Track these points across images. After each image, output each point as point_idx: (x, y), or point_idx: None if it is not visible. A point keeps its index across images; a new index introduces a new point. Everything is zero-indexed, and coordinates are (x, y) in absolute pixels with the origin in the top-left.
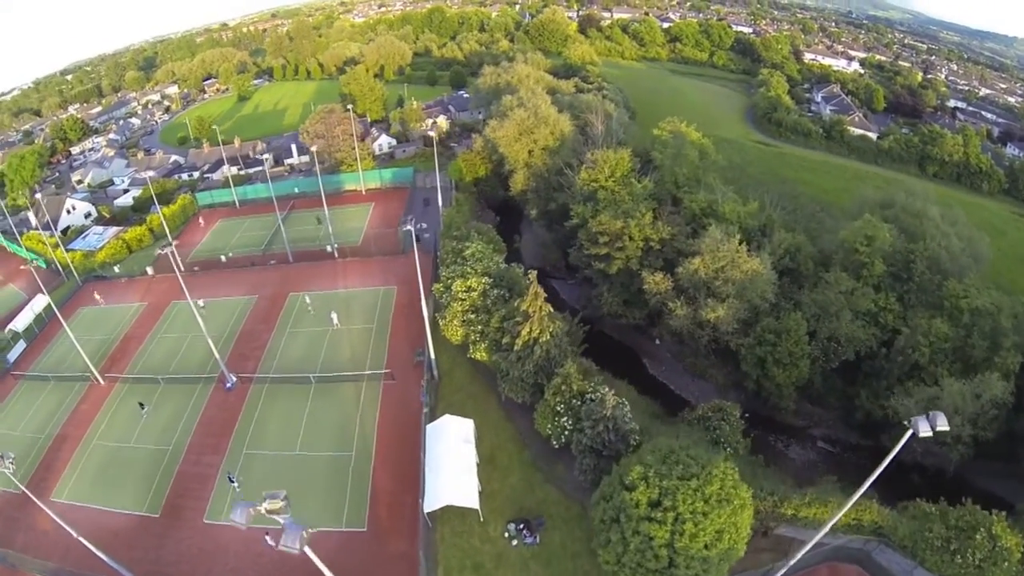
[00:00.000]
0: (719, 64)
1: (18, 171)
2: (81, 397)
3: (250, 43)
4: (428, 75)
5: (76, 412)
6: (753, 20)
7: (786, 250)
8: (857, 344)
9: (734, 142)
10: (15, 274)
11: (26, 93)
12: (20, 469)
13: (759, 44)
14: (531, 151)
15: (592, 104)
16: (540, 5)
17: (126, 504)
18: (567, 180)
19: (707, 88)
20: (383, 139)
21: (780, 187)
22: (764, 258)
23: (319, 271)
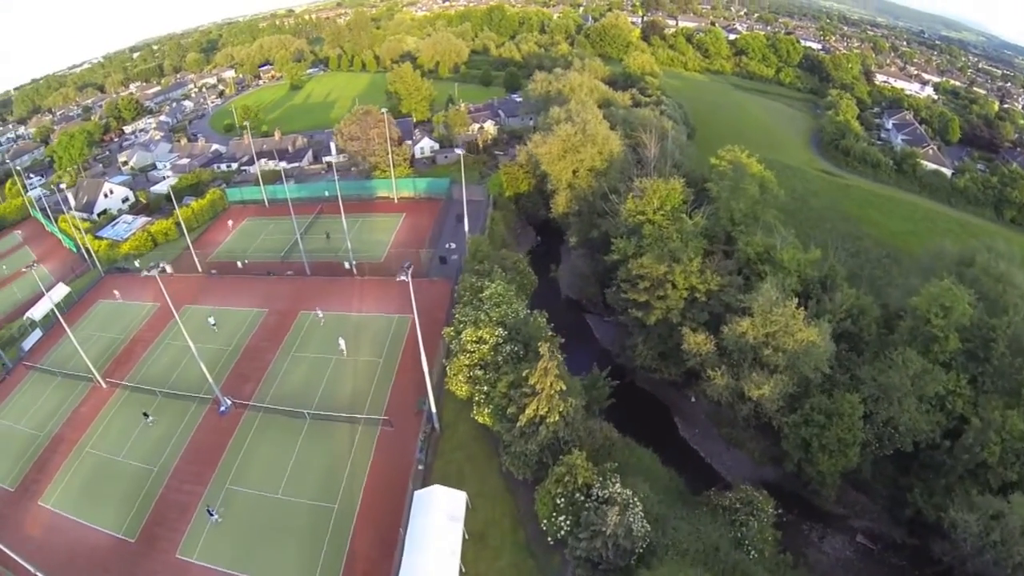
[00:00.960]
0: (785, 81)
1: (67, 149)
2: (83, 399)
3: (311, 31)
4: (483, 75)
5: (76, 414)
6: (822, 35)
7: (848, 311)
8: (918, 434)
9: (797, 170)
10: (48, 254)
11: (93, 68)
12: (16, 466)
13: (828, 62)
14: (576, 171)
15: (647, 121)
16: (604, 9)
17: (106, 522)
18: (612, 207)
19: (771, 107)
20: (425, 142)
21: (843, 225)
22: (822, 328)
23: (334, 288)
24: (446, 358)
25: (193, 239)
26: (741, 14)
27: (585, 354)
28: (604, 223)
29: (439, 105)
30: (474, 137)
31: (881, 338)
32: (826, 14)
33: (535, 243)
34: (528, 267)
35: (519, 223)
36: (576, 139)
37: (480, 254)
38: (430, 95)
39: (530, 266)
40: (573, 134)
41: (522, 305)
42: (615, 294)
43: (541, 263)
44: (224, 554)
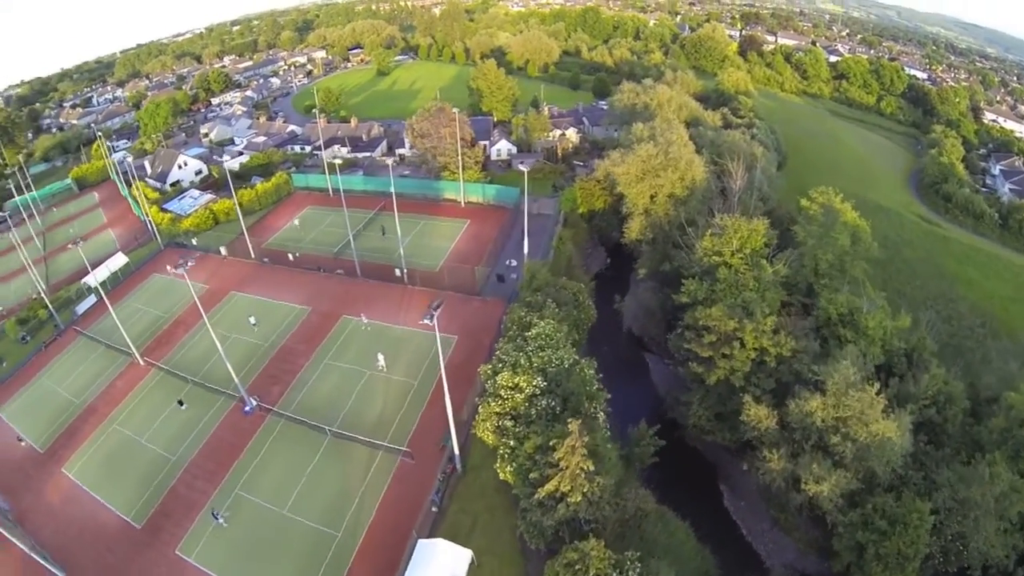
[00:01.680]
0: (886, 111)
1: (153, 116)
2: (120, 373)
3: (405, 18)
4: (572, 77)
5: (111, 387)
6: (928, 64)
7: (933, 398)
8: (990, 557)
9: (891, 213)
10: (118, 219)
11: (193, 39)
12: (49, 429)
13: (934, 95)
14: (654, 196)
15: (736, 146)
16: (702, 19)
17: (118, 503)
18: (687, 241)
19: (869, 139)
20: (503, 144)
21: (937, 283)
22: (902, 422)
23: (381, 294)
24: (479, 396)
25: (253, 222)
26: (843, 34)
27: (638, 397)
28: (678, 257)
29: (523, 105)
30: (553, 144)
31: (966, 431)
32: (932, 40)
33: (604, 265)
34: (588, 300)
35: (590, 242)
36: (657, 161)
37: (536, 282)
38: (513, 94)
39: (595, 291)
40: (654, 155)
41: (569, 352)
42: (677, 340)
43: (608, 288)
44: (220, 561)
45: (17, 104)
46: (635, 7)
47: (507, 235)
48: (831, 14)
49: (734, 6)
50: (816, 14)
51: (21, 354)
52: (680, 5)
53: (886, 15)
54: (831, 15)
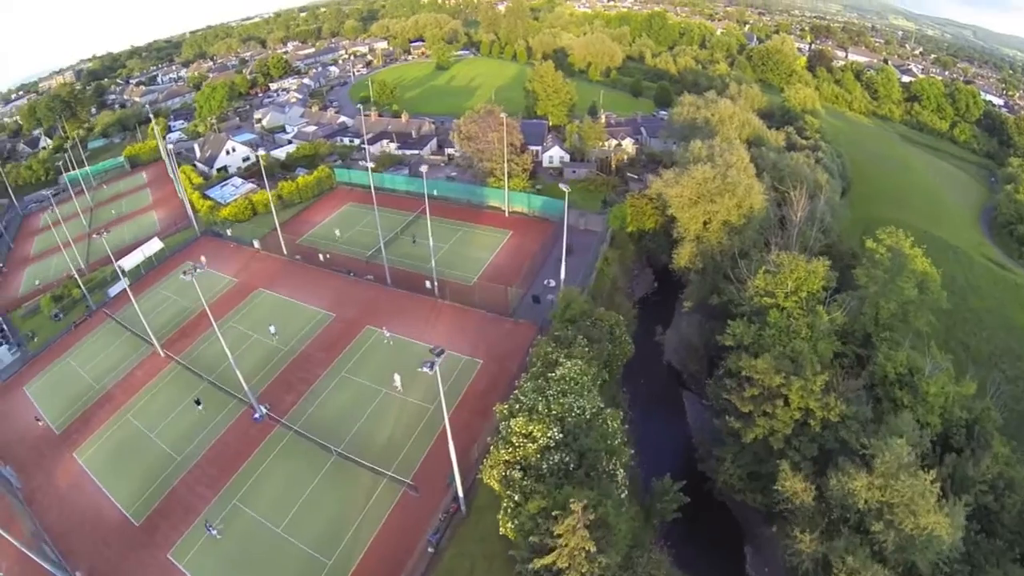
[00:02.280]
0: (960, 139)
1: (209, 100)
2: (140, 362)
3: (470, 13)
4: (634, 84)
5: (131, 376)
6: (1004, 90)
7: (991, 483)
8: None
9: (960, 253)
10: (164, 201)
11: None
12: (68, 410)
13: (1011, 124)
14: (707, 222)
15: (799, 172)
16: (770, 30)
17: (121, 497)
18: (739, 275)
19: (940, 168)
20: (555, 151)
21: (1006, 337)
22: (956, 517)
23: (409, 306)
24: (492, 436)
25: (292, 215)
26: (916, 53)
27: (670, 439)
28: (727, 290)
29: (580, 110)
30: (608, 154)
31: None
32: (1009, 64)
33: (651, 289)
34: (626, 334)
35: (638, 263)
36: (713, 185)
37: (571, 312)
38: (570, 99)
39: (638, 316)
40: (711, 178)
41: (594, 399)
42: (716, 387)
43: (652, 315)
44: (209, 572)
45: (87, 78)
46: (703, 14)
47: (549, 251)
48: (904, 31)
49: (804, 18)
50: (888, 30)
51: (52, 331)
52: (749, 15)
53: (961, 34)
54: (904, 32)
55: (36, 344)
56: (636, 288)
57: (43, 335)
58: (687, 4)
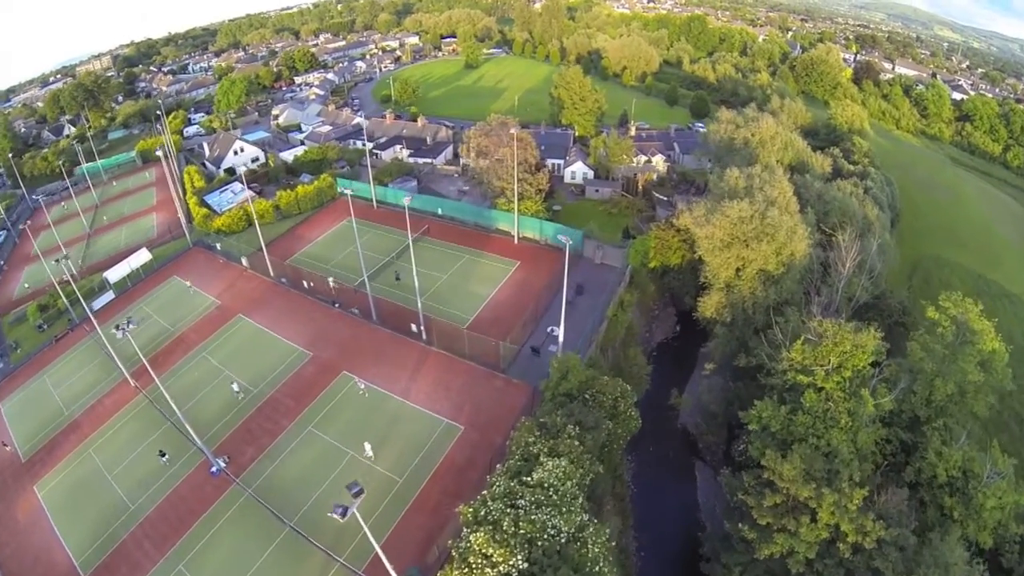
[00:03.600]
0: (1013, 164)
1: (227, 94)
2: (111, 390)
3: (505, 9)
4: (670, 91)
5: (99, 404)
6: None
7: None
8: None
9: (1017, 302)
10: (166, 203)
11: (292, 14)
12: (36, 436)
13: None
14: (740, 270)
15: (848, 208)
16: (814, 37)
17: (72, 543)
18: (772, 337)
19: (994, 197)
20: (578, 166)
21: None
22: None
23: (392, 351)
24: (453, 540)
25: (287, 228)
26: (963, 66)
27: (675, 517)
28: (758, 354)
29: (611, 118)
30: (636, 172)
31: None
32: None
33: (672, 333)
34: (632, 407)
35: (659, 302)
36: (750, 227)
37: (566, 384)
38: (599, 107)
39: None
40: (748, 218)
41: (573, 518)
42: (732, 481)
43: (670, 364)
44: None
45: (121, 64)
46: (744, 19)
47: (558, 288)
48: (950, 42)
49: (847, 26)
50: (934, 41)
51: (36, 343)
52: (791, 21)
53: (1008, 48)
54: (950, 44)
55: (18, 356)
56: (655, 331)
57: (26, 347)
58: (728, 8)
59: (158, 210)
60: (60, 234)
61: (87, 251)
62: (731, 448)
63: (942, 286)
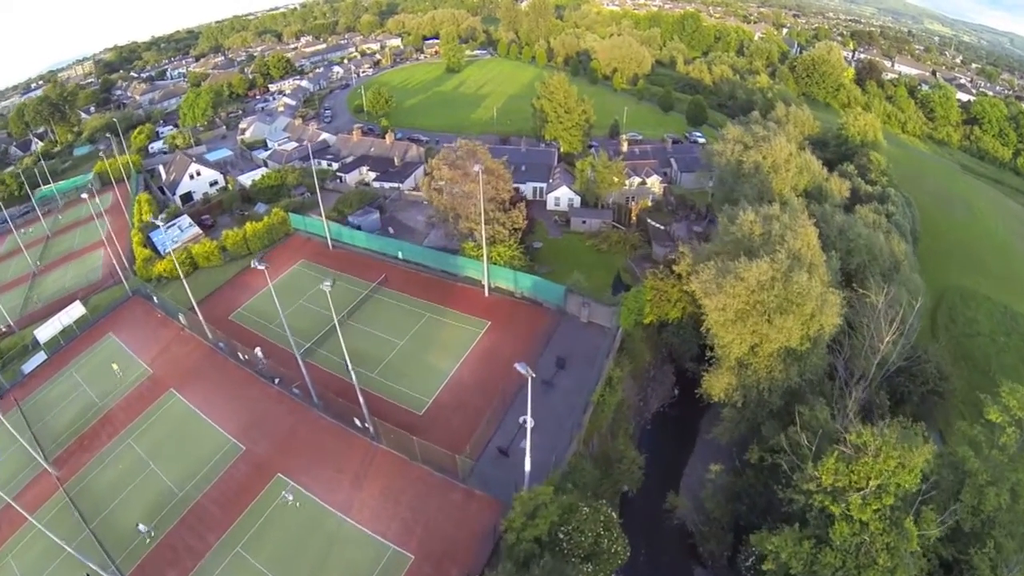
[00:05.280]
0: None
1: (192, 107)
2: (29, 482)
3: (492, 8)
4: (664, 96)
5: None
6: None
7: None
8: None
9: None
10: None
11: (276, 16)
12: None
13: None
14: (756, 346)
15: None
16: (809, 35)
17: None
18: (793, 440)
19: (1008, 209)
20: (563, 192)
21: None
22: None
23: (332, 448)
24: None
25: (234, 273)
26: (957, 61)
27: None
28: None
29: (601, 127)
30: (627, 198)
31: None
32: None
33: (670, 398)
34: (620, 536)
35: (656, 360)
36: (771, 295)
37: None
38: (587, 120)
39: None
40: (768, 283)
41: None
42: None
43: (668, 439)
44: None
45: (101, 70)
46: (737, 15)
47: (535, 357)
48: (941, 36)
49: (839, 21)
50: (925, 35)
51: None
52: (784, 17)
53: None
54: (941, 38)
55: None
56: (650, 397)
57: None
58: (720, 4)
59: (108, 244)
60: (7, 272)
61: (29, 293)
62: (736, 556)
63: (968, 325)
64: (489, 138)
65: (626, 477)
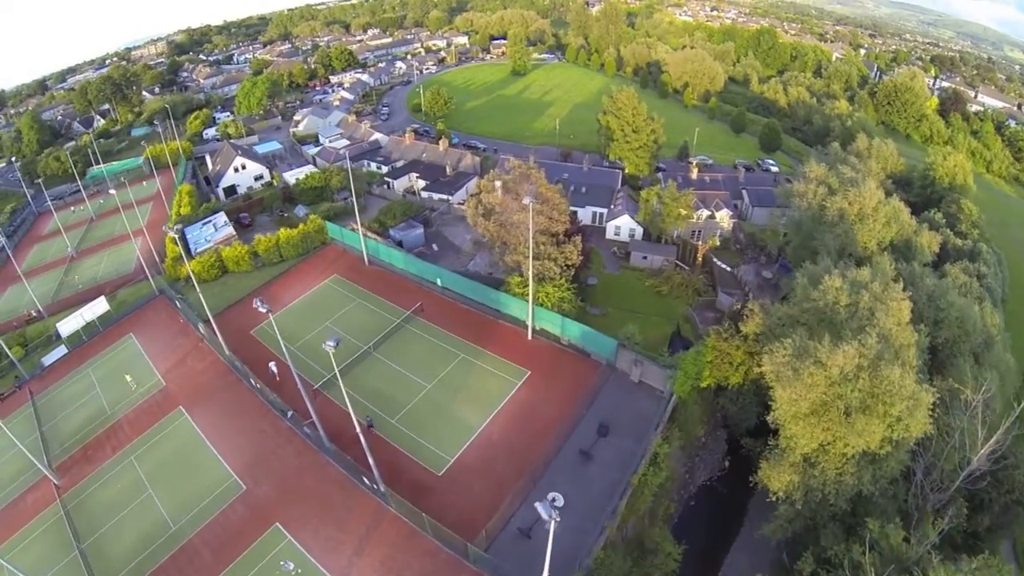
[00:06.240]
0: None
1: (248, 96)
2: (33, 485)
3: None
4: (736, 117)
5: (20, 502)
6: None
7: None
8: None
9: None
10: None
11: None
12: None
13: None
14: (828, 444)
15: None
16: (888, 58)
17: None
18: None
19: None
20: (624, 220)
21: None
22: None
23: (340, 502)
24: None
25: (262, 282)
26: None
27: None
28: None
29: (669, 148)
30: (694, 232)
31: None
32: None
33: (719, 470)
34: None
35: (709, 425)
36: (853, 389)
37: None
38: (655, 140)
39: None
40: (851, 373)
41: None
42: None
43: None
44: None
45: (172, 51)
46: (813, 32)
47: (576, 422)
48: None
49: (917, 44)
50: (1006, 63)
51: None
52: (861, 36)
53: None
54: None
55: None
56: (698, 468)
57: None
58: (796, 20)
59: (148, 232)
60: (48, 252)
61: (64, 278)
62: None
63: None
64: (549, 151)
65: (659, 570)
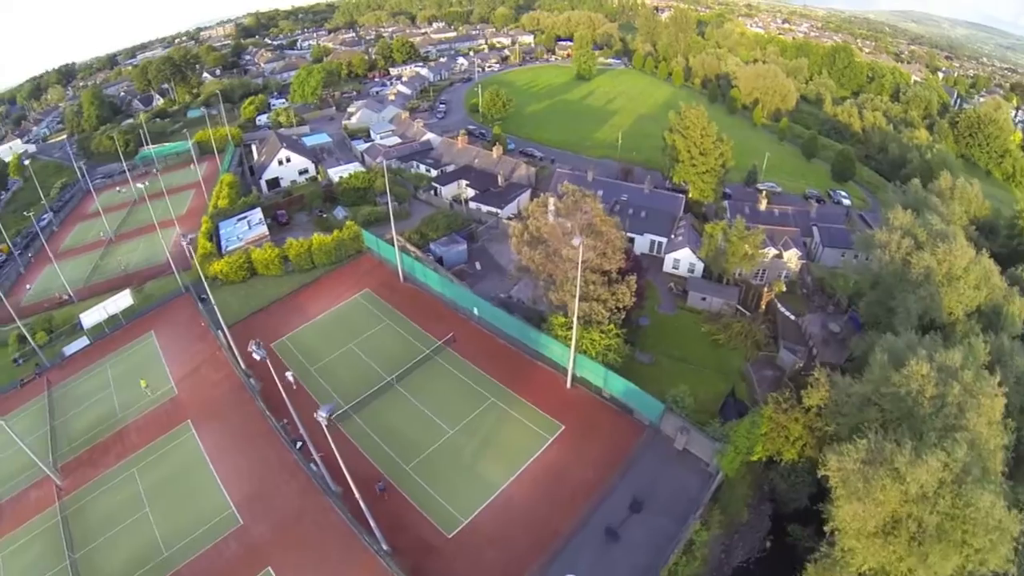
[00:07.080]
0: None
1: (303, 85)
2: (35, 482)
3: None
4: (808, 141)
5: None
6: None
7: None
8: None
9: None
10: (193, 214)
11: None
12: None
13: None
14: (890, 565)
15: None
16: (967, 83)
17: None
18: None
19: None
20: (684, 254)
21: None
22: None
23: (336, 557)
24: None
25: (290, 290)
26: None
27: None
28: None
29: (737, 171)
30: (759, 272)
31: None
32: None
33: (759, 551)
34: None
35: (753, 498)
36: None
37: None
38: (724, 163)
39: None
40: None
41: None
42: None
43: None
44: None
45: (239, 33)
46: (888, 52)
47: (611, 491)
48: None
49: (995, 68)
50: None
51: (8, 378)
52: (938, 58)
53: None
54: None
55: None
56: (736, 547)
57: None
58: (870, 37)
59: (186, 221)
60: (88, 233)
61: (100, 262)
62: None
63: None
64: (609, 166)
65: None
